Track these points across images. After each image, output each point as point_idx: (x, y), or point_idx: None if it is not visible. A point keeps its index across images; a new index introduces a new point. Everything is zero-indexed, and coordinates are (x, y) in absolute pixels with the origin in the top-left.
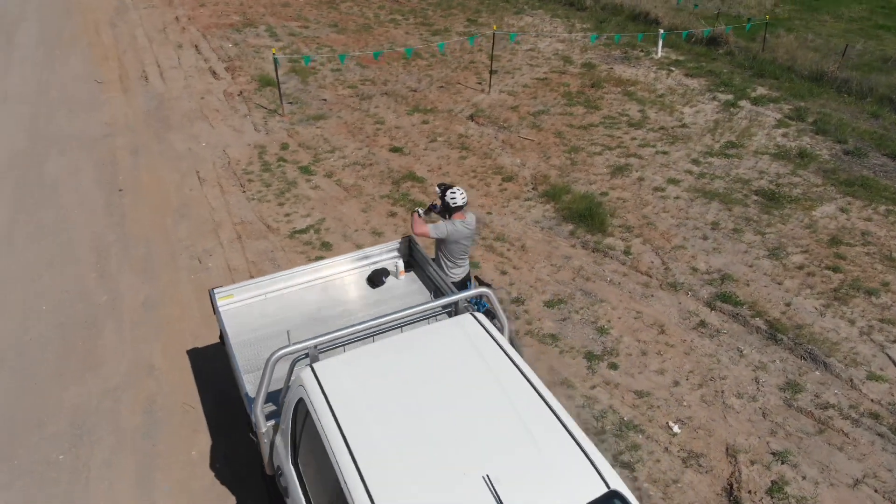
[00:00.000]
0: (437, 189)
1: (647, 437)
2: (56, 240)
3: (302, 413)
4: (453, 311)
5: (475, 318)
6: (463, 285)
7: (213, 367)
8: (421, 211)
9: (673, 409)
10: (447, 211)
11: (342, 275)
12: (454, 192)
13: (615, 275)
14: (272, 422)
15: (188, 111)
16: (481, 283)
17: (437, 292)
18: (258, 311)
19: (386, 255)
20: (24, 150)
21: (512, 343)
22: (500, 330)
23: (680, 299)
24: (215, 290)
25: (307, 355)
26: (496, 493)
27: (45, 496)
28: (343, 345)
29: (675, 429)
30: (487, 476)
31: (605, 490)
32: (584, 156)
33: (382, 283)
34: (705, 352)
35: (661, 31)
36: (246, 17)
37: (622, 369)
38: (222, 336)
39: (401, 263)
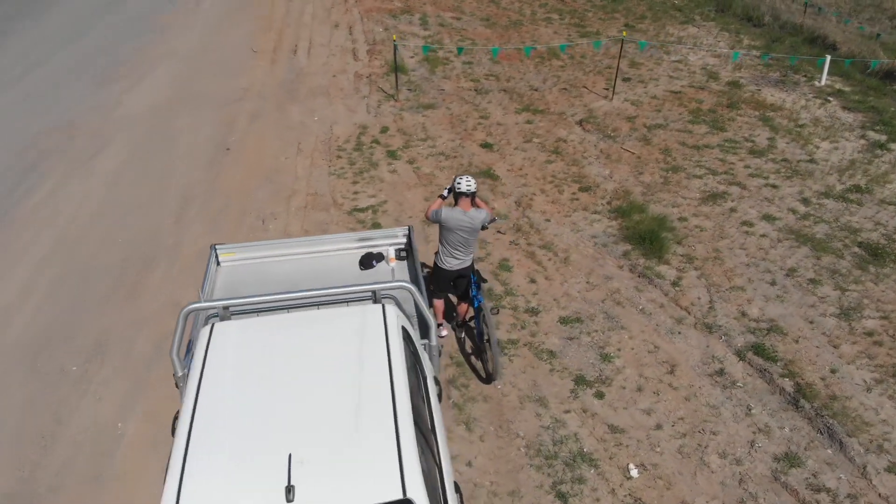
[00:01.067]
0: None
1: (598, 473)
2: (154, 184)
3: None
4: (373, 298)
5: (385, 310)
6: (461, 279)
7: None
8: (445, 192)
9: (642, 452)
10: (455, 197)
11: (340, 252)
12: (460, 178)
13: (650, 304)
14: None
15: (316, 87)
16: (480, 278)
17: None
18: (253, 271)
19: (385, 240)
20: (164, 103)
21: (429, 346)
22: (426, 329)
23: (709, 342)
24: (217, 246)
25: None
26: (289, 473)
27: (45, 399)
28: (258, 311)
29: (634, 472)
30: (290, 456)
31: (400, 497)
32: (682, 177)
33: (372, 266)
34: (708, 402)
35: (827, 56)
36: (407, 4)
37: (607, 400)
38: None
39: (392, 251)
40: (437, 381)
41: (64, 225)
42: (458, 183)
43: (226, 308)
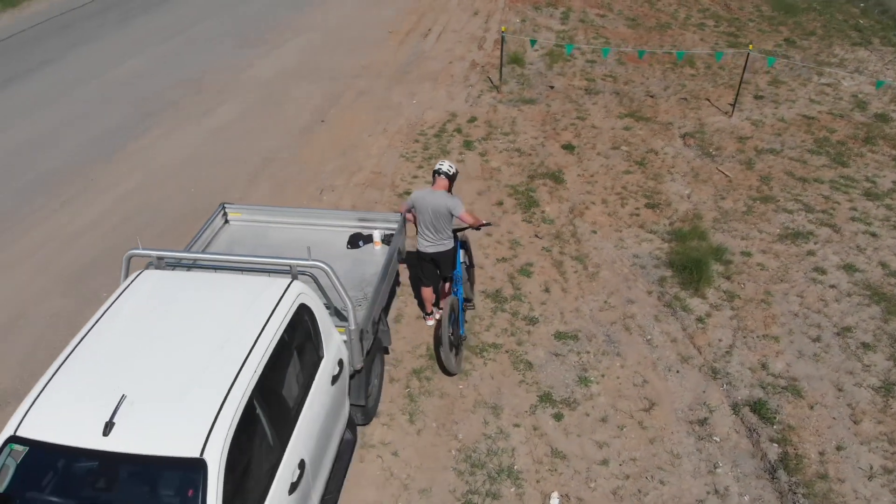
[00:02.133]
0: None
1: (517, 492)
2: (246, 144)
3: None
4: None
5: (290, 285)
6: (435, 264)
7: None
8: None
9: (574, 483)
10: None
11: (337, 228)
12: (443, 160)
13: (662, 336)
14: None
15: (430, 71)
16: (468, 276)
17: (384, 267)
18: (253, 233)
19: (382, 224)
20: (288, 72)
21: (349, 329)
22: (343, 308)
23: (708, 388)
24: (226, 205)
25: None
26: (115, 412)
27: (69, 317)
28: (189, 266)
29: (554, 501)
30: (123, 396)
31: (196, 456)
32: (769, 208)
33: (358, 246)
34: (673, 449)
35: None
36: None
37: (563, 424)
38: None
39: (380, 235)
40: (341, 364)
41: (154, 169)
42: (440, 164)
43: (160, 258)
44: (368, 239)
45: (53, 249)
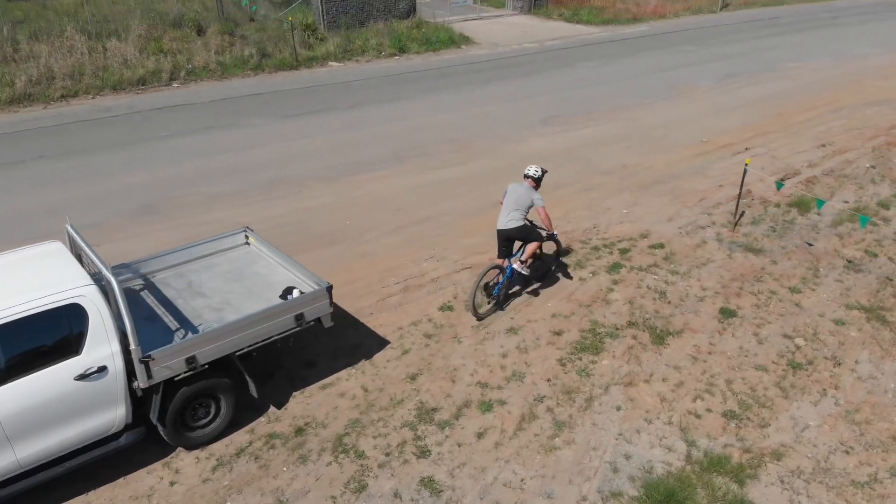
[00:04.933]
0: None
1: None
2: (432, 200)
3: None
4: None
5: (76, 286)
6: (508, 241)
7: None
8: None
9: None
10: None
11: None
12: (530, 166)
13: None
14: None
15: (686, 188)
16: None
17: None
18: (257, 259)
19: (309, 281)
20: (546, 153)
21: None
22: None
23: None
24: (248, 228)
25: None
26: None
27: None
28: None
29: None
30: None
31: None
32: None
33: (286, 299)
34: None
35: None
36: None
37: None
38: None
39: (297, 292)
40: (103, 370)
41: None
42: (528, 168)
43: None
44: (290, 291)
45: None
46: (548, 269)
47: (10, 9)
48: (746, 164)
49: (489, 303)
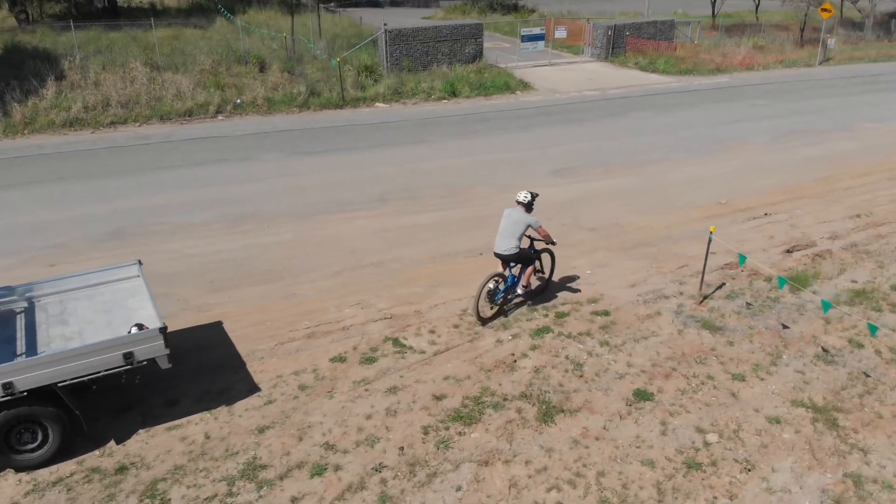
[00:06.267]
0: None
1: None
2: (398, 244)
3: None
4: None
5: None
6: (506, 263)
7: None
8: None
9: None
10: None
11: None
12: (519, 191)
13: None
14: None
15: (674, 253)
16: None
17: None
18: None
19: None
20: (539, 204)
21: None
22: None
23: None
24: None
25: None
26: None
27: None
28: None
29: None
30: None
31: None
32: None
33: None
34: None
35: None
36: None
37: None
38: None
39: (135, 328)
40: None
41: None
42: (518, 195)
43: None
44: (141, 328)
45: None
46: (549, 280)
47: (94, 39)
48: (711, 232)
49: (492, 309)
